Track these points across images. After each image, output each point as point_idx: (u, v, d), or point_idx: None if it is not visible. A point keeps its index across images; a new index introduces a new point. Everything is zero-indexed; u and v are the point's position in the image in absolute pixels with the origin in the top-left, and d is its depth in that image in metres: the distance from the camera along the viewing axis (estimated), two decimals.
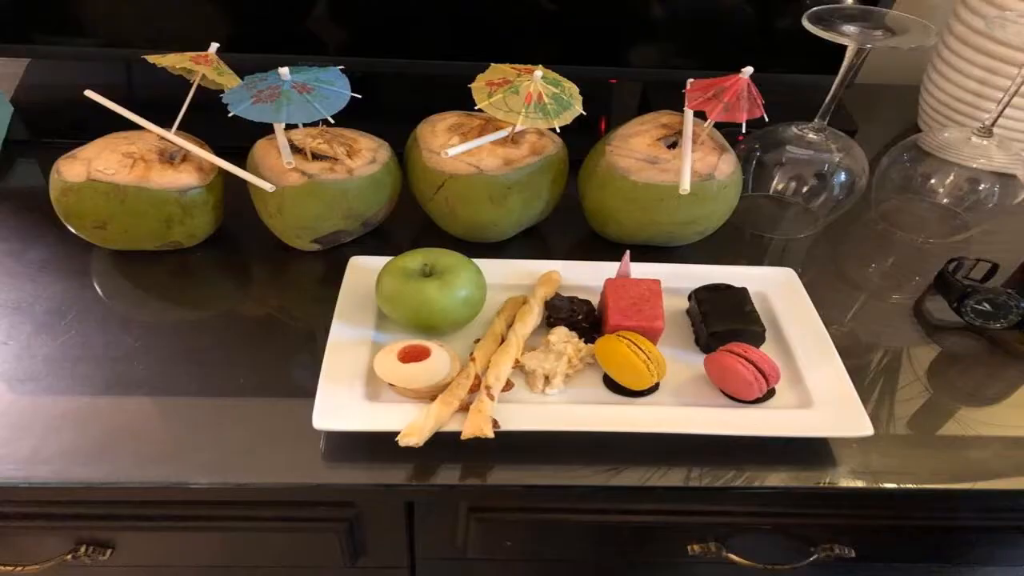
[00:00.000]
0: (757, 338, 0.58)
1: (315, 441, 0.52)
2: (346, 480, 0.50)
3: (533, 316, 0.58)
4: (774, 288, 0.64)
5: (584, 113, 0.61)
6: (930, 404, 0.58)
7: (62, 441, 0.51)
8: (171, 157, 0.62)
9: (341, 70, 0.59)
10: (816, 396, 0.55)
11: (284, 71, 0.56)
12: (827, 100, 0.68)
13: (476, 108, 0.59)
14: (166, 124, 0.63)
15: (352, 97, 0.58)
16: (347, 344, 0.56)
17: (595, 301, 0.61)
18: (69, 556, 0.57)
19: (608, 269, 0.62)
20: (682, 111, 0.65)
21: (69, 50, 0.77)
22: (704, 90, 0.61)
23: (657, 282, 0.59)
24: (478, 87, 0.60)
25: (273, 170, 0.61)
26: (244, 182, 0.61)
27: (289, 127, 0.62)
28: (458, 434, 0.50)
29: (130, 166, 0.60)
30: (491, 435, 0.49)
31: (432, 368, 0.52)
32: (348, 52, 0.78)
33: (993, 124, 0.68)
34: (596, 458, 0.52)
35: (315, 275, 0.66)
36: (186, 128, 0.64)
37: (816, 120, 0.69)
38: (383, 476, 0.50)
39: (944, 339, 0.64)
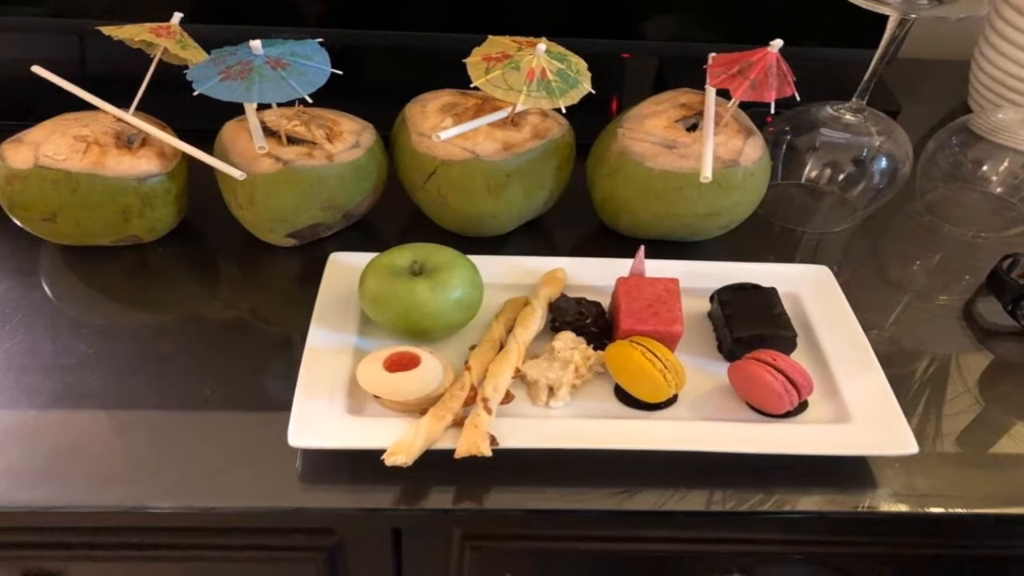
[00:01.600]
0: (787, 344, 0.58)
1: (291, 460, 0.52)
2: (326, 504, 0.50)
3: (536, 320, 0.58)
4: (806, 288, 0.64)
5: (593, 92, 0.60)
6: (982, 419, 0.58)
7: (6, 460, 0.51)
8: (129, 141, 0.62)
9: (320, 43, 0.59)
10: (854, 410, 0.55)
11: (256, 44, 0.56)
12: (866, 77, 0.68)
13: (472, 86, 0.59)
14: (123, 104, 0.63)
15: (332, 73, 0.58)
16: (327, 351, 0.56)
17: (605, 303, 0.61)
18: None
19: (620, 267, 0.63)
20: (703, 89, 0.65)
21: (14, 20, 0.77)
22: (728, 66, 0.61)
23: (675, 281, 0.59)
24: (474, 62, 0.60)
25: (243, 155, 0.61)
26: (211, 169, 0.61)
27: (261, 107, 0.62)
28: (451, 452, 0.50)
29: (83, 151, 0.60)
30: (488, 453, 0.49)
31: (422, 378, 0.52)
32: (328, 23, 0.78)
33: None
34: (606, 479, 0.52)
35: (291, 273, 0.66)
36: (146, 108, 0.64)
37: (854, 99, 0.69)
38: (367, 499, 0.50)
39: (998, 345, 0.64)
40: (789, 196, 0.74)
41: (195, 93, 0.55)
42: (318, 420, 0.51)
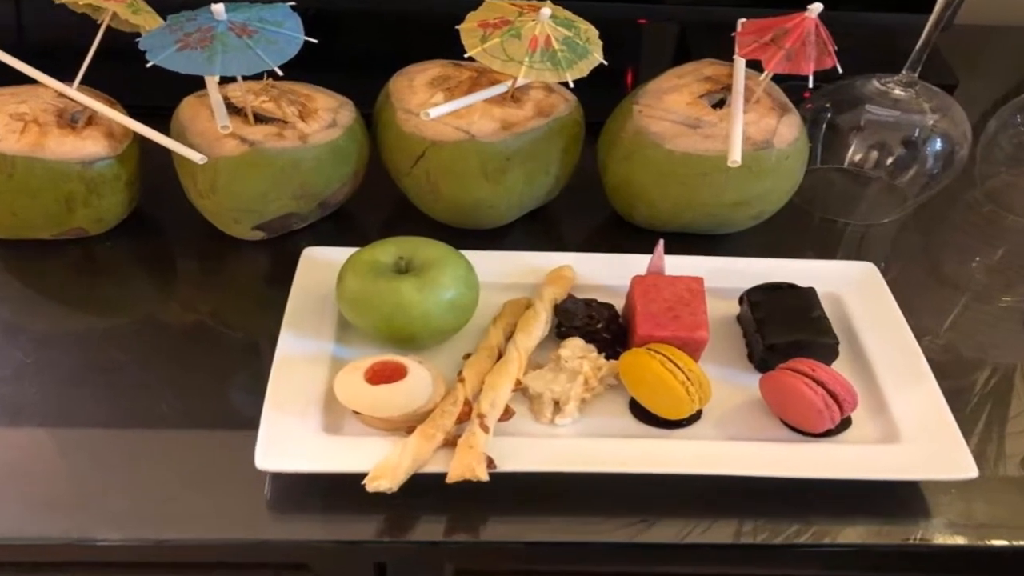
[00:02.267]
0: (828, 352, 0.58)
1: (258, 485, 0.52)
2: (298, 535, 0.50)
3: (539, 324, 0.58)
4: (850, 288, 0.64)
5: (605, 63, 0.60)
6: None
7: None
8: (73, 119, 0.62)
9: (291, 7, 0.59)
10: (904, 428, 0.55)
11: (218, 8, 0.56)
12: (918, 46, 0.68)
13: (466, 56, 0.59)
14: (66, 77, 0.63)
15: (305, 42, 0.58)
16: (300, 360, 0.56)
17: (619, 305, 0.61)
18: None
19: (636, 264, 0.62)
20: (731, 60, 0.65)
21: None
22: (760, 33, 0.61)
23: (699, 280, 0.59)
24: (468, 29, 0.60)
25: (204, 136, 0.61)
26: (167, 152, 0.61)
27: (224, 81, 0.62)
28: (442, 476, 0.50)
29: (20, 131, 0.60)
30: (485, 477, 0.49)
31: (409, 391, 0.52)
32: None
33: None
34: (620, 507, 0.52)
35: (258, 271, 0.66)
36: (92, 82, 0.64)
37: (904, 72, 0.69)
38: (346, 530, 0.50)
39: None
40: (830, 182, 0.74)
41: (149, 65, 0.55)
42: (290, 439, 0.51)
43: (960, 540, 0.52)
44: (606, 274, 0.63)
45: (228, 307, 0.63)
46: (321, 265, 0.62)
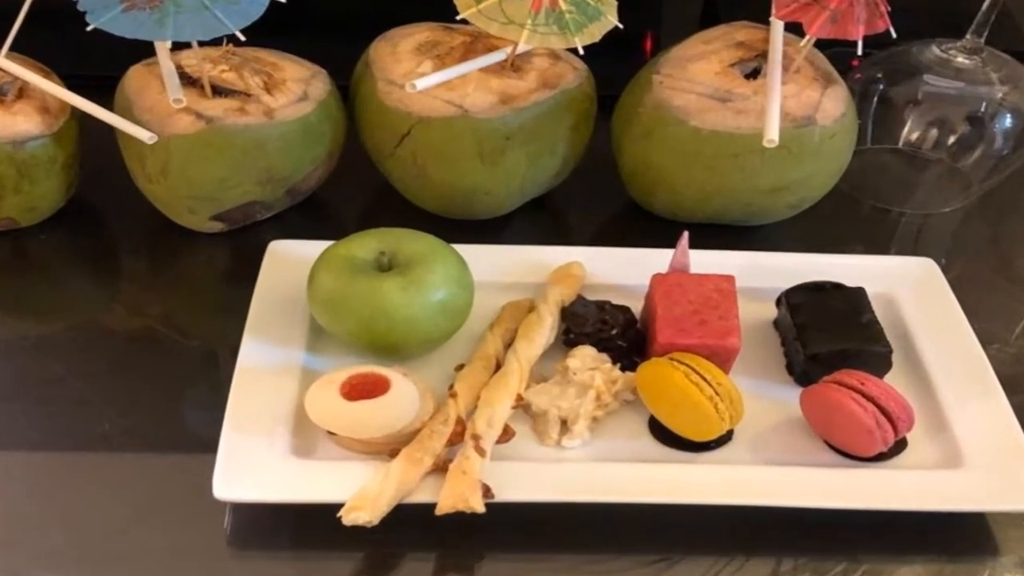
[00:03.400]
0: (880, 363, 0.58)
1: (218, 517, 0.52)
2: (263, 575, 0.50)
3: (544, 331, 0.58)
4: (905, 288, 0.64)
5: (620, 26, 0.60)
6: None
7: None
8: (0, 92, 0.62)
9: None
10: (968, 450, 0.55)
11: None
12: (985, 6, 0.67)
13: (458, 18, 0.59)
14: None
15: (272, 2, 0.58)
16: (265, 372, 0.56)
17: (636, 308, 0.61)
18: None
19: (656, 260, 0.63)
20: (766, 23, 0.65)
21: None
22: None
23: (730, 279, 0.59)
24: None
25: (154, 111, 0.61)
26: (111, 130, 0.61)
27: (178, 47, 0.62)
28: (431, 507, 0.50)
29: None
30: (481, 509, 0.49)
31: (392, 408, 0.52)
32: None
33: None
34: (638, 544, 0.52)
35: (217, 268, 0.66)
36: (23, 50, 0.64)
37: (968, 36, 0.69)
38: (318, 570, 0.50)
39: None
40: (882, 165, 0.74)
41: (90, 28, 0.55)
42: (253, 464, 0.51)
43: None
44: (621, 272, 0.64)
45: (182, 310, 0.63)
46: (290, 261, 0.62)
